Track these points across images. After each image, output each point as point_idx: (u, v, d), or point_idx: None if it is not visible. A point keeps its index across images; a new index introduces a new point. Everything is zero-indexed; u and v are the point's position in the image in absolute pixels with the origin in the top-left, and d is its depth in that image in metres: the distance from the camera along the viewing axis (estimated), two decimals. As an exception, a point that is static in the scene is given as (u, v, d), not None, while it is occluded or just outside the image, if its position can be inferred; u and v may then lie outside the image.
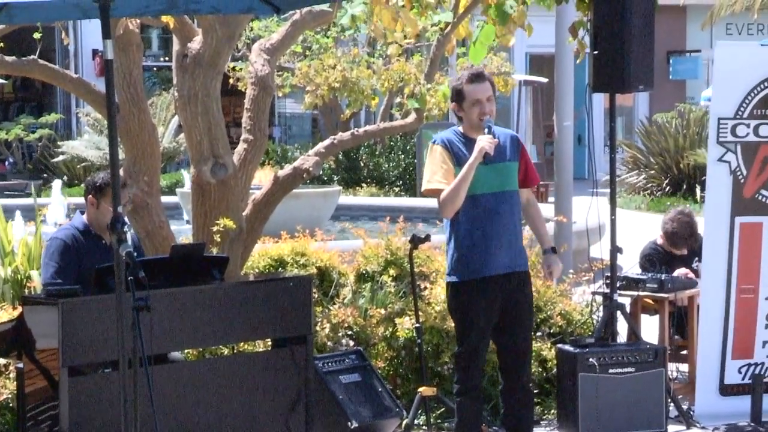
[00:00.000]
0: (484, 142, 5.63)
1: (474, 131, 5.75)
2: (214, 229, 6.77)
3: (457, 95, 5.80)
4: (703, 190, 6.77)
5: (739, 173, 6.80)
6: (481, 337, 5.77)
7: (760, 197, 6.84)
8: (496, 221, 5.71)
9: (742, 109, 6.76)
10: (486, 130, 5.70)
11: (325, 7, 7.68)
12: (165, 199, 8.30)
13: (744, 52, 6.96)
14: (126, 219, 4.53)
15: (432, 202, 19.99)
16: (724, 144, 6.78)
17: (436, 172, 5.74)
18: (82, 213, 6.13)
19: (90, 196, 6.05)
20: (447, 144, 5.78)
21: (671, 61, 29.45)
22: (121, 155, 6.84)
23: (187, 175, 16.78)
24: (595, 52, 6.83)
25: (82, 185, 6.69)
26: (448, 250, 5.82)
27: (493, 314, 5.76)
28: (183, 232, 12.43)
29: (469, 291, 5.74)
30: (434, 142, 5.82)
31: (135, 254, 4.38)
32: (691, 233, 7.96)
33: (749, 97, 6.75)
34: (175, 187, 19.62)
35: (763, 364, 6.93)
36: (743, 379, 6.91)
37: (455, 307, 5.84)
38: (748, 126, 6.77)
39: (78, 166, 22.36)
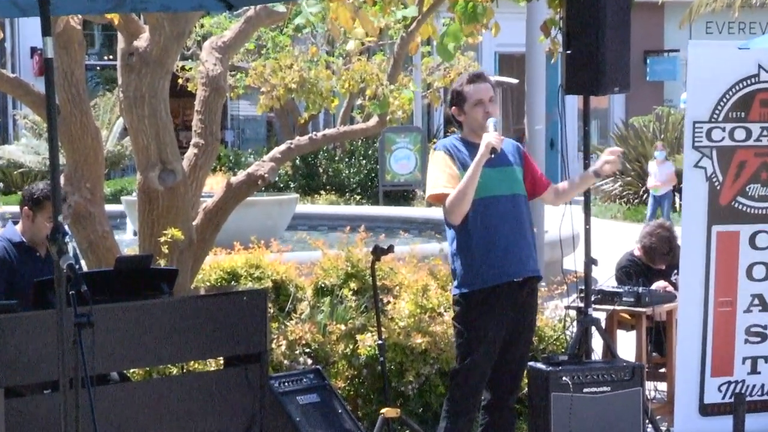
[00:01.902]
0: (491, 137, 5.70)
1: (476, 135, 5.82)
2: (162, 239, 6.75)
3: (458, 98, 5.87)
4: (681, 198, 6.87)
5: (715, 179, 6.86)
6: (488, 353, 5.80)
7: (736, 204, 6.90)
8: (510, 225, 5.79)
9: (717, 112, 6.82)
10: (491, 128, 5.76)
11: (280, 6, 7.69)
12: (109, 207, 8.26)
13: (718, 53, 7.02)
14: (67, 229, 4.51)
15: (394, 211, 19.88)
16: (699, 149, 6.84)
17: (439, 177, 5.79)
18: (15, 223, 6.10)
19: (26, 207, 6.02)
20: (449, 149, 5.85)
21: (648, 61, 29.70)
22: (62, 160, 6.81)
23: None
24: (568, 52, 6.87)
25: (19, 193, 6.64)
26: (456, 259, 5.83)
27: (503, 327, 5.80)
28: (128, 243, 12.37)
29: (479, 302, 5.77)
30: (436, 149, 5.92)
31: (78, 267, 4.36)
32: (670, 249, 8.02)
33: (724, 100, 6.81)
34: (119, 194, 19.53)
35: (743, 381, 6.98)
36: (724, 398, 6.96)
37: (464, 320, 5.84)
38: (723, 130, 6.83)
39: (15, 173, 22.20)
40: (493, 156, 5.70)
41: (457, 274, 5.83)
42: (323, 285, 7.69)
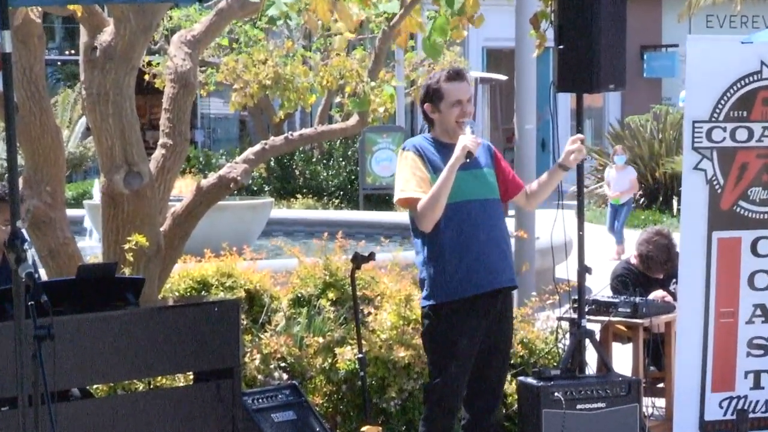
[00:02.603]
0: (467, 140, 5.73)
1: (449, 136, 5.85)
2: (128, 246, 6.74)
3: (434, 95, 5.89)
4: (681, 202, 6.86)
5: (715, 182, 6.89)
6: (462, 369, 5.81)
7: (738, 209, 6.92)
8: (483, 231, 5.80)
9: (717, 111, 6.84)
10: (468, 131, 5.80)
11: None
12: (71, 212, 8.24)
13: (719, 48, 7.04)
14: (26, 235, 4.50)
15: (375, 216, 19.88)
16: (699, 150, 6.86)
17: (409, 179, 5.80)
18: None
19: (-20, 212, 6.00)
20: (419, 150, 5.85)
21: (645, 57, 29.79)
22: (20, 162, 6.78)
23: (97, 185, 16.66)
24: (560, 47, 6.88)
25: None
26: (424, 269, 5.85)
27: (477, 340, 5.81)
28: (91, 250, 12.34)
29: (451, 314, 5.78)
30: (404, 149, 5.91)
31: (37, 276, 4.35)
32: (668, 258, 8.04)
33: (725, 98, 6.83)
34: (82, 198, 19.49)
35: (746, 397, 7.01)
36: (725, 414, 6.98)
37: (434, 335, 5.85)
38: (724, 130, 6.85)
39: (-31, 175, 22.13)
40: (468, 160, 5.72)
41: (427, 285, 5.84)
42: (300, 295, 7.69)
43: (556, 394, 6.49)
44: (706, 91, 6.83)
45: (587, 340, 6.99)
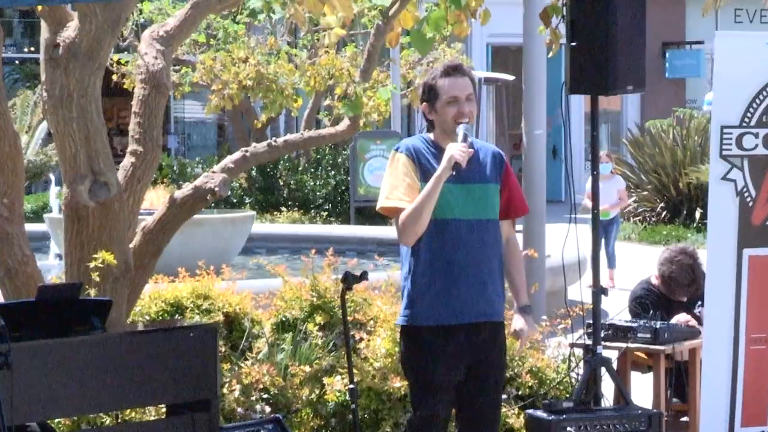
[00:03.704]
0: (454, 150, 5.67)
1: (448, 138, 5.79)
2: (93, 265, 6.74)
3: (429, 92, 5.86)
4: (707, 215, 6.84)
5: (746, 194, 6.89)
6: (440, 400, 5.78)
7: (772, 224, 6.93)
8: (466, 255, 5.75)
9: (749, 115, 6.85)
10: (459, 136, 5.74)
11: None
12: (30, 227, 8.23)
13: (750, 45, 7.04)
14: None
15: (367, 231, 19.89)
16: (728, 158, 6.87)
17: (396, 186, 5.79)
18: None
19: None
20: (412, 153, 5.82)
21: (667, 55, 29.88)
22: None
23: (53, 196, 16.64)
24: (573, 44, 6.91)
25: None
26: (404, 286, 5.86)
27: (458, 371, 5.78)
28: (53, 269, 12.32)
29: (425, 339, 5.76)
30: (397, 150, 5.87)
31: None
32: (693, 279, 8.04)
33: (758, 101, 6.84)
34: (42, 211, 19.47)
35: (780, 432, 7.02)
36: (757, 451, 6.99)
37: (408, 360, 5.86)
38: (756, 136, 6.86)
39: None
40: (455, 173, 5.67)
41: (403, 302, 5.85)
42: (284, 319, 7.69)
43: (568, 429, 6.49)
44: (736, 93, 6.83)
45: (603, 369, 6.99)
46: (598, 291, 6.99)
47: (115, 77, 19.70)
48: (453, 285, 5.74)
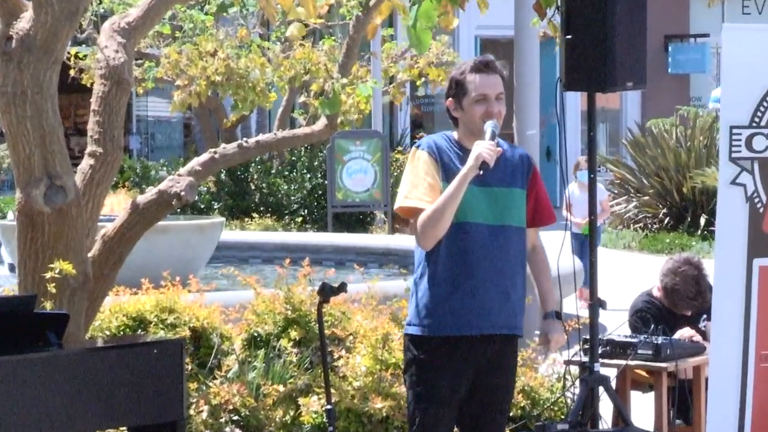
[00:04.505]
0: (482, 148, 5.69)
1: (473, 138, 5.82)
2: (49, 275, 6.72)
3: (457, 88, 5.89)
4: (713, 222, 6.86)
5: (757, 200, 6.90)
6: (442, 415, 5.81)
7: (785, 232, 6.95)
8: (488, 262, 5.79)
9: (759, 114, 6.86)
10: (488, 134, 5.76)
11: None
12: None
13: (759, 39, 7.06)
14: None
15: (346, 239, 19.88)
16: (737, 161, 6.88)
17: (417, 185, 5.81)
18: None
19: None
20: (434, 151, 5.85)
21: (670, 49, 29.96)
22: None
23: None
24: (568, 37, 6.92)
25: None
26: (415, 291, 5.88)
27: (462, 385, 5.82)
28: (4, 280, 12.29)
29: (432, 351, 5.79)
30: (418, 147, 5.90)
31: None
32: (698, 292, 8.05)
33: (768, 99, 6.87)
34: (-7, 217, 19.42)
35: (793, 456, 7.03)
36: (767, 477, 7.01)
37: (411, 370, 5.87)
38: (767, 137, 6.88)
39: None
40: (482, 172, 5.71)
41: (411, 309, 5.87)
42: (256, 334, 7.68)
43: (563, 452, 6.51)
44: (745, 90, 6.84)
45: (601, 388, 7.01)
46: (596, 304, 7.01)
47: (72, 72, 19.67)
48: (474, 293, 5.78)
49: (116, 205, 16.57)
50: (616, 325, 8.21)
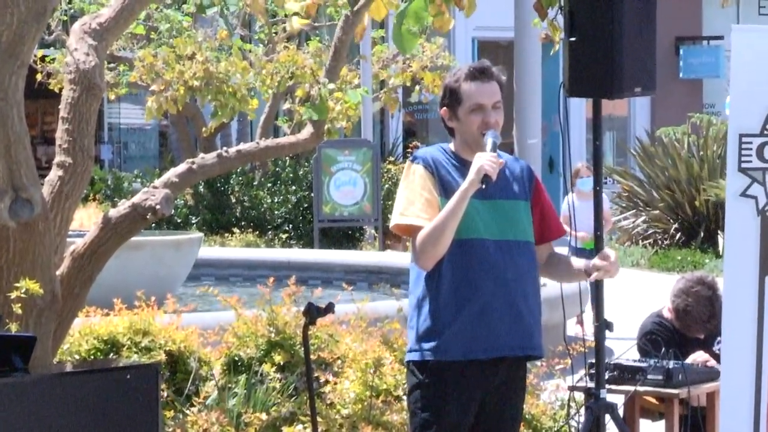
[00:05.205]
0: (483, 160, 5.71)
1: (471, 150, 5.84)
2: (14, 294, 6.72)
3: (451, 97, 5.91)
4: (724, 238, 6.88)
5: (769, 213, 6.93)
6: None
7: (798, 247, 6.97)
8: (495, 280, 5.80)
9: (770, 121, 6.89)
10: (488, 145, 5.78)
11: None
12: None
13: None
14: None
15: (333, 256, 19.91)
16: (747, 172, 6.90)
17: (413, 201, 5.82)
18: None
19: None
20: (431, 164, 5.86)
21: (682, 52, 30.02)
22: None
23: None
24: (572, 39, 6.94)
25: None
26: (415, 315, 5.88)
27: (470, 413, 5.84)
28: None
29: (438, 374, 5.80)
30: (413, 160, 5.92)
31: None
32: (712, 314, 8.06)
33: (781, 105, 6.89)
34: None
35: (810, 487, 7.04)
36: None
37: (415, 395, 5.88)
38: (779, 146, 6.90)
39: None
40: (484, 186, 5.72)
41: (412, 334, 5.88)
42: (237, 358, 7.68)
43: (567, 485, 6.51)
44: (757, 96, 6.86)
45: (607, 416, 7.02)
46: (602, 325, 7.01)
47: (39, 77, 19.68)
48: (480, 314, 5.79)
49: (86, 220, 16.58)
50: (624, 348, 8.22)
